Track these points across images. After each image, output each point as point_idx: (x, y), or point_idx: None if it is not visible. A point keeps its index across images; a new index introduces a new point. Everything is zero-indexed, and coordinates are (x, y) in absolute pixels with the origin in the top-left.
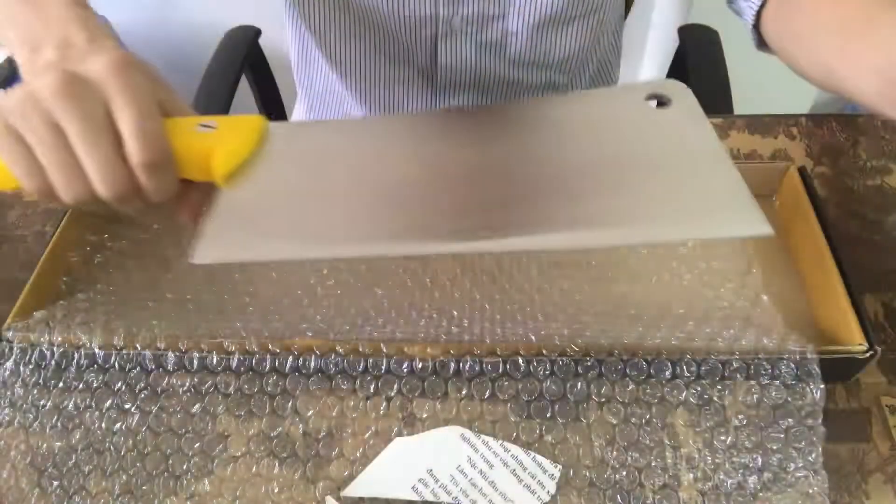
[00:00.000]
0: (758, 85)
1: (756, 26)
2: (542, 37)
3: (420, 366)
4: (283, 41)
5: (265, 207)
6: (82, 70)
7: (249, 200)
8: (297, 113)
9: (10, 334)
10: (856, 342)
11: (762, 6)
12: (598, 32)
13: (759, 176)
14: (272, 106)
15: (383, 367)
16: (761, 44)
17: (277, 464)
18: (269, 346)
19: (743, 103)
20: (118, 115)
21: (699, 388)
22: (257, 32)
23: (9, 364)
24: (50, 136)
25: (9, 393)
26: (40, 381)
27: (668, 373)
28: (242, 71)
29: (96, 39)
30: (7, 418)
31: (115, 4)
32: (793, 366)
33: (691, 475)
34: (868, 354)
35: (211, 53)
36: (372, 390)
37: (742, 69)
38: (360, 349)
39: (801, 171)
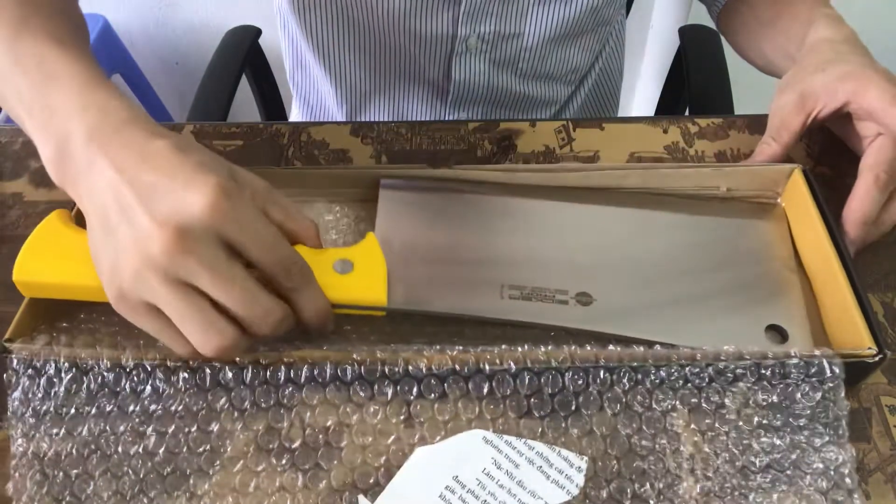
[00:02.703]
0: (758, 85)
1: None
2: (553, 51)
3: (439, 367)
4: None
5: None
6: (181, 216)
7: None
8: (294, 114)
9: (14, 362)
10: (864, 346)
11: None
12: (604, 41)
13: (764, 177)
14: (272, 106)
15: (400, 370)
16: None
17: (301, 476)
18: (284, 358)
19: (743, 103)
20: (249, 254)
21: (707, 393)
22: (257, 32)
23: (17, 394)
24: (178, 296)
25: (20, 425)
26: (51, 409)
27: (676, 375)
28: (242, 71)
29: (131, 139)
30: (21, 449)
31: (115, 4)
32: (812, 369)
33: (699, 471)
34: (877, 358)
35: (211, 53)
36: (390, 395)
37: (742, 69)
38: (378, 354)
39: (806, 173)
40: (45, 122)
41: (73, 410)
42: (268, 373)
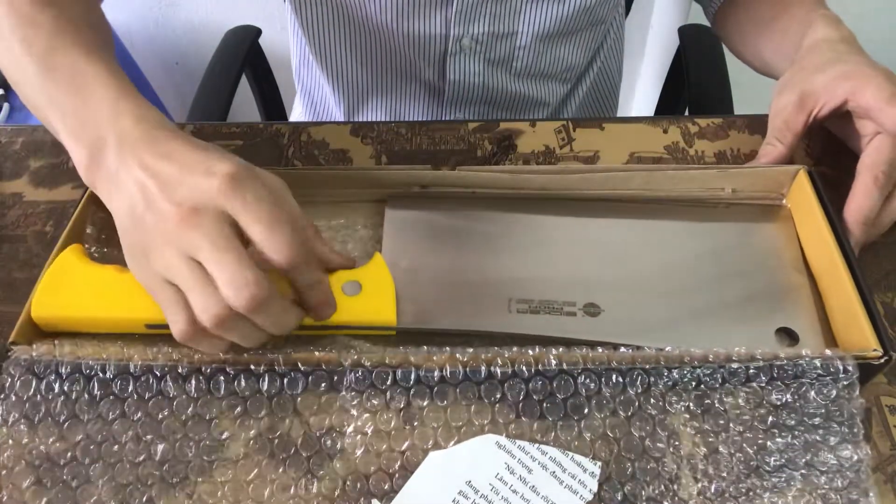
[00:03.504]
0: (758, 85)
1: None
2: (548, 49)
3: (450, 372)
4: (283, 41)
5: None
6: (195, 197)
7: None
8: (296, 111)
9: (11, 369)
10: (870, 347)
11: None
12: (601, 40)
13: (769, 179)
14: (272, 106)
15: (412, 378)
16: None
17: (315, 483)
18: (299, 364)
19: (743, 103)
20: (250, 231)
21: (721, 394)
22: (257, 32)
23: (10, 401)
24: (186, 266)
25: (13, 433)
26: (48, 416)
27: (689, 377)
28: (242, 71)
29: (158, 141)
30: (13, 459)
31: (115, 4)
32: (826, 369)
33: (713, 472)
34: (883, 360)
35: (211, 53)
36: (403, 402)
37: (742, 69)
38: (388, 360)
39: (811, 174)
40: (78, 128)
41: (72, 418)
42: (286, 381)
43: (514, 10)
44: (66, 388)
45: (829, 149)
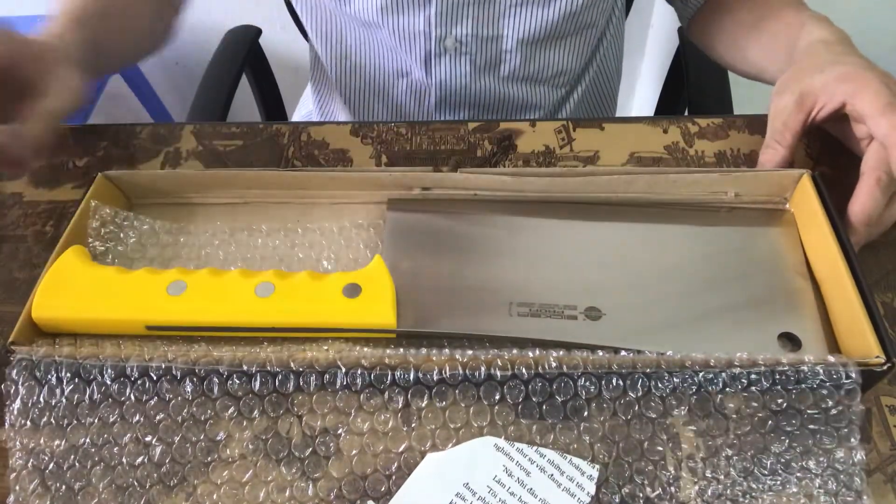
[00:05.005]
0: (758, 85)
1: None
2: (536, 54)
3: (450, 374)
4: (284, 41)
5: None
6: None
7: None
8: (303, 109)
9: (13, 373)
10: (872, 354)
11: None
12: (595, 45)
13: (772, 183)
14: (272, 106)
15: (411, 377)
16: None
17: (311, 484)
18: (291, 365)
19: (743, 103)
20: None
21: (720, 398)
22: (257, 32)
23: (16, 405)
24: None
25: (19, 437)
26: (52, 420)
27: (689, 381)
28: (242, 71)
29: None
30: (20, 462)
31: None
32: (828, 375)
33: (710, 474)
34: (886, 367)
35: (211, 53)
36: (401, 403)
37: None
38: (387, 361)
39: (814, 178)
40: None
41: (74, 421)
42: (276, 380)
43: (497, 13)
44: (67, 391)
45: (828, 148)
